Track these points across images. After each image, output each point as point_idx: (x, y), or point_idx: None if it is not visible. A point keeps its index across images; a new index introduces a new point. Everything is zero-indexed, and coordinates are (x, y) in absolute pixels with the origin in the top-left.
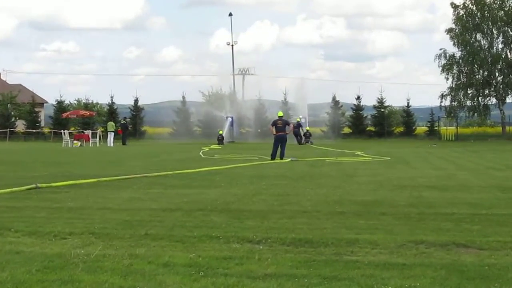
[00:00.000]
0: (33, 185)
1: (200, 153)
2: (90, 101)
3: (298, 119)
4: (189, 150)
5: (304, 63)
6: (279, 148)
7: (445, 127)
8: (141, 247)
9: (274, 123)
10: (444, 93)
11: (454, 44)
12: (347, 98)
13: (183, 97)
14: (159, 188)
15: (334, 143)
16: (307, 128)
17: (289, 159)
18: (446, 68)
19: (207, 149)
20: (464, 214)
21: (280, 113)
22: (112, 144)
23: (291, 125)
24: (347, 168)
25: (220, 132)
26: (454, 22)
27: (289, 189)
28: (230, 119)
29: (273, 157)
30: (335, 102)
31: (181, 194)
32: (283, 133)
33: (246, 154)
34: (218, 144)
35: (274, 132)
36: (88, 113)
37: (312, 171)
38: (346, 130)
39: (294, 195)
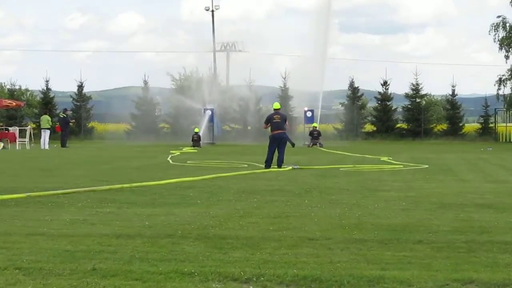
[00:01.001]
0: None
1: (168, 159)
2: (17, 87)
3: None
4: (153, 154)
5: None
6: (276, 152)
7: (504, 124)
8: (87, 287)
9: (270, 119)
10: (503, 77)
11: None
12: (370, 84)
13: (145, 82)
14: (112, 206)
15: (351, 146)
16: (315, 124)
17: (290, 167)
18: (506, 43)
19: (178, 153)
20: None
21: (277, 105)
22: (47, 146)
23: (287, 123)
24: (369, 179)
25: (196, 130)
26: None
27: (289, 208)
28: (209, 112)
29: (268, 164)
30: (354, 90)
31: (142, 214)
32: (281, 131)
33: (232, 160)
34: (193, 146)
35: (271, 131)
36: (14, 104)
37: (322, 184)
38: (368, 127)
39: (297, 216)
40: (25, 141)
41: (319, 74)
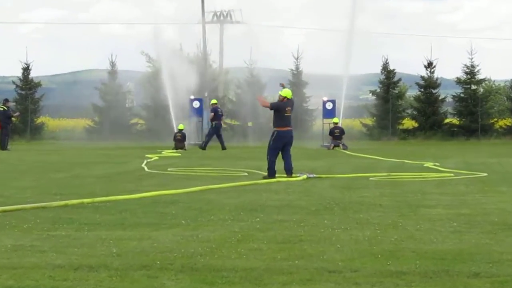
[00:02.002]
0: None
1: (143, 165)
2: None
3: (215, 102)
4: (123, 159)
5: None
6: (282, 155)
7: None
8: None
9: (279, 108)
10: None
11: None
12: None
13: (112, 64)
14: (69, 228)
15: (385, 147)
16: (336, 120)
17: (304, 176)
18: None
19: (156, 157)
20: None
21: (287, 93)
22: None
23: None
24: (409, 192)
25: (181, 126)
26: None
27: (303, 231)
28: (197, 103)
29: (272, 171)
30: (388, 73)
31: (108, 239)
32: (290, 129)
33: (227, 166)
34: (176, 148)
35: (277, 126)
36: None
37: (346, 198)
38: (407, 123)
39: (313, 241)
40: None
41: (343, 53)
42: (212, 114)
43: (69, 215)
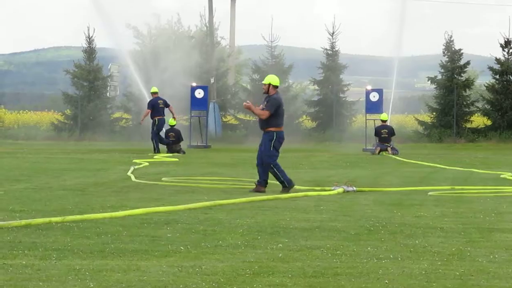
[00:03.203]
0: None
1: (130, 173)
2: None
3: (155, 90)
4: (102, 165)
5: None
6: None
7: None
8: None
9: (279, 105)
10: None
11: None
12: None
13: (89, 40)
14: (31, 256)
15: (448, 152)
16: (384, 116)
17: (341, 189)
18: None
19: (145, 163)
20: None
21: (275, 80)
22: None
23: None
24: (480, 211)
25: (172, 122)
26: None
27: (339, 261)
28: (201, 91)
29: (288, 180)
30: (452, 54)
31: (83, 270)
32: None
33: (238, 175)
34: (171, 152)
35: (274, 126)
36: None
37: (396, 218)
38: (478, 120)
39: (352, 275)
40: None
41: (394, 27)
42: (149, 111)
43: (32, 239)
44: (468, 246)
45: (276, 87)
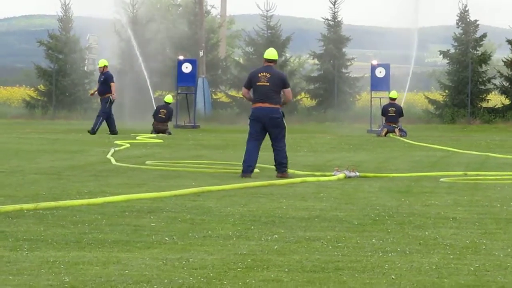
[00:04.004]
0: None
1: (109, 156)
2: None
3: (105, 63)
4: (79, 146)
5: None
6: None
7: None
8: None
9: (252, 80)
10: None
11: None
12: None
13: (65, 8)
14: (0, 246)
15: (462, 135)
16: (394, 94)
17: (342, 175)
18: None
19: (127, 145)
20: None
21: (272, 54)
22: None
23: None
24: (497, 199)
25: (168, 99)
26: None
27: (341, 254)
28: (189, 66)
29: (248, 166)
30: (466, 26)
31: (58, 262)
32: (270, 105)
33: (230, 159)
34: (156, 131)
35: (252, 102)
36: None
37: (404, 207)
38: (495, 99)
39: (356, 269)
40: None
41: None
42: (113, 84)
43: (1, 227)
44: (483, 238)
45: (266, 59)
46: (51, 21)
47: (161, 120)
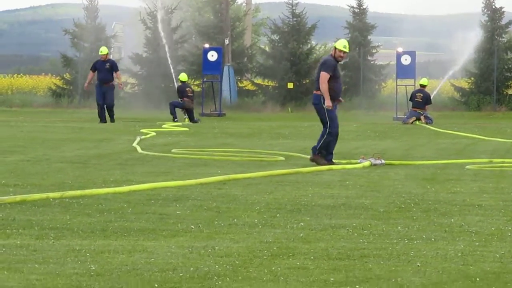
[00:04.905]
0: None
1: (135, 144)
2: None
3: (106, 52)
4: (105, 135)
5: None
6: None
7: None
8: None
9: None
10: None
11: None
12: None
13: None
14: (26, 235)
15: (488, 122)
16: (425, 81)
17: (368, 162)
18: None
19: (152, 133)
20: None
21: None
22: None
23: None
24: None
25: (183, 77)
26: None
27: (367, 241)
28: (215, 54)
29: (329, 155)
30: (492, 13)
31: (84, 251)
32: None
33: (255, 147)
34: (185, 108)
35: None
36: None
37: (429, 195)
38: None
39: (381, 257)
40: None
41: None
42: (118, 72)
43: (28, 216)
44: (509, 226)
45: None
46: (77, 10)
47: (192, 98)
